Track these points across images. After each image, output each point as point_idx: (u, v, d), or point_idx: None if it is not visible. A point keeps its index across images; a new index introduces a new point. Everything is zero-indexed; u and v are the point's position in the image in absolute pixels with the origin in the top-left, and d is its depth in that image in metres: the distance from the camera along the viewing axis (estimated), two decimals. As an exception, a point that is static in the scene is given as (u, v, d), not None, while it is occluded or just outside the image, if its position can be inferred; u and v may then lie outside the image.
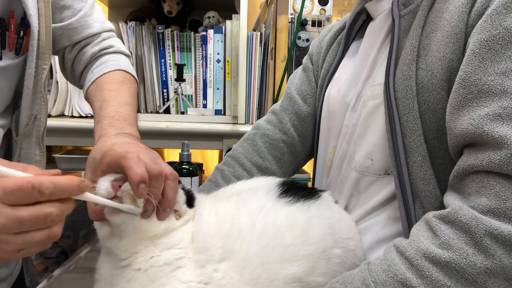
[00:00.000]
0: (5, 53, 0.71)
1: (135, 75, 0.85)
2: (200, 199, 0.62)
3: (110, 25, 0.88)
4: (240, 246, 0.54)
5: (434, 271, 0.46)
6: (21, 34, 0.71)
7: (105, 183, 0.51)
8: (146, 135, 1.47)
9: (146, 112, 1.60)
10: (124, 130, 0.65)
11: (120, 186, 0.51)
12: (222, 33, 1.55)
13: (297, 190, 0.62)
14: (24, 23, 0.71)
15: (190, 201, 0.59)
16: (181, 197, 0.57)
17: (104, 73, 0.78)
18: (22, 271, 0.91)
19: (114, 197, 0.51)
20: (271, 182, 0.64)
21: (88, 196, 0.47)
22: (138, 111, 1.56)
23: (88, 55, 0.83)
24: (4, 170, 0.41)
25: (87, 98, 0.80)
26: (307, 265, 0.55)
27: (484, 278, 0.44)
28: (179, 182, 0.58)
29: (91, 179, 0.53)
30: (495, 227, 0.44)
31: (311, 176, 0.89)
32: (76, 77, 0.85)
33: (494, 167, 0.46)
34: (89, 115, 1.57)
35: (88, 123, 1.50)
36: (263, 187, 0.63)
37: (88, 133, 1.49)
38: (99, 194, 0.50)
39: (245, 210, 0.58)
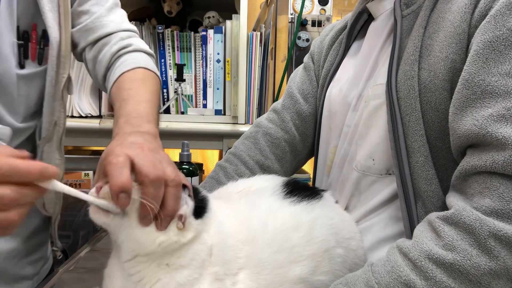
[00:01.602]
0: (28, 63, 0.77)
1: (157, 72, 0.83)
2: (217, 206, 0.56)
3: (129, 26, 0.88)
4: (254, 251, 0.53)
5: (438, 273, 0.46)
6: (42, 45, 0.78)
7: (93, 187, 0.49)
8: (146, 135, 1.46)
9: (146, 112, 1.60)
10: (140, 128, 0.63)
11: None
12: (222, 33, 1.55)
13: (300, 190, 0.62)
14: (46, 35, 0.77)
15: (200, 211, 0.53)
16: (188, 206, 0.51)
17: (124, 72, 0.78)
18: (51, 271, 0.93)
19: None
20: (275, 182, 0.64)
21: (58, 186, 0.45)
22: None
23: (108, 56, 0.83)
24: None
25: (110, 100, 0.79)
26: (311, 264, 0.55)
27: (488, 279, 0.44)
28: (186, 188, 0.53)
29: (95, 180, 0.52)
30: (499, 229, 0.44)
31: (311, 176, 0.89)
32: (100, 80, 0.85)
33: (497, 168, 0.46)
34: (89, 115, 1.57)
35: (88, 123, 1.50)
36: (269, 188, 0.63)
37: (88, 133, 1.49)
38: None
39: (256, 212, 0.57)
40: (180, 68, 1.53)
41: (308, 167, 0.96)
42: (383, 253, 0.54)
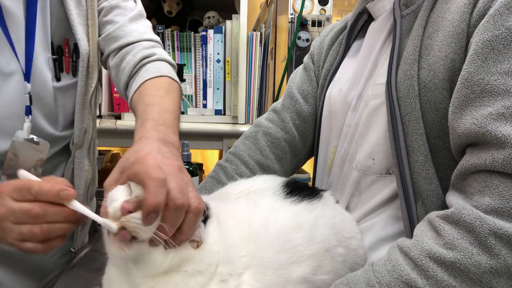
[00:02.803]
0: (63, 76, 0.83)
1: (179, 82, 0.84)
2: (215, 207, 0.56)
3: (152, 36, 0.89)
4: (256, 249, 0.53)
5: (439, 271, 0.46)
6: (74, 57, 0.84)
7: (117, 200, 0.46)
8: (146, 135, 1.47)
9: (146, 112, 1.60)
10: (168, 137, 0.61)
11: (129, 212, 0.46)
12: (222, 33, 1.55)
13: (300, 190, 0.62)
14: (77, 48, 0.82)
15: (205, 220, 0.53)
16: (201, 229, 0.51)
17: (147, 80, 0.78)
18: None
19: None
20: (275, 183, 0.64)
21: (76, 206, 0.50)
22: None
23: (131, 64, 0.83)
24: (24, 174, 0.52)
25: (131, 108, 0.78)
26: (313, 264, 0.55)
27: (489, 277, 0.44)
28: (204, 212, 0.52)
29: (115, 179, 0.51)
30: (499, 227, 0.44)
31: (311, 176, 0.89)
32: (122, 88, 0.86)
33: (497, 166, 0.46)
34: (89, 115, 1.57)
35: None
36: (269, 188, 0.62)
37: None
38: (108, 203, 0.47)
39: (257, 211, 0.57)
40: (180, 68, 1.54)
41: (308, 167, 0.96)
42: (383, 252, 0.54)
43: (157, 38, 0.90)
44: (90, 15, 0.82)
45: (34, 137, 0.78)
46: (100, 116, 1.57)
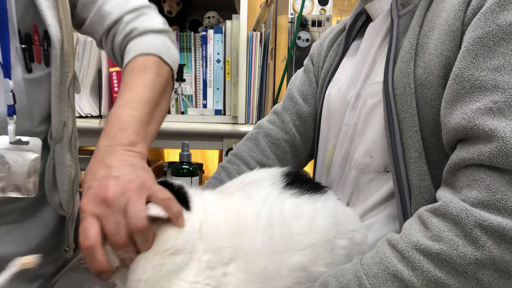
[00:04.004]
0: (35, 66, 0.75)
1: (159, 52, 0.73)
2: (206, 195, 0.59)
3: (135, 3, 0.79)
4: (246, 241, 0.53)
5: (425, 263, 0.46)
6: (46, 46, 0.75)
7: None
8: (146, 135, 1.47)
9: (146, 112, 1.60)
10: (117, 139, 0.58)
11: None
12: (222, 33, 1.56)
13: (303, 182, 0.62)
14: (48, 35, 0.73)
15: (185, 202, 0.55)
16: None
17: (124, 66, 0.72)
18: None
19: None
20: (274, 172, 0.64)
21: None
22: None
23: (117, 49, 0.78)
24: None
25: None
26: (311, 254, 0.55)
27: (474, 269, 0.44)
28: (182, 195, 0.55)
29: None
30: (484, 219, 0.44)
31: (311, 176, 0.89)
32: None
33: (484, 160, 0.46)
34: (89, 115, 1.57)
35: (88, 123, 1.50)
36: (267, 178, 0.63)
37: (88, 133, 1.49)
38: None
39: (249, 204, 0.57)
40: (180, 68, 1.54)
41: (308, 167, 0.96)
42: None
43: (142, 2, 0.80)
44: None
45: (21, 137, 0.73)
46: (100, 116, 1.57)
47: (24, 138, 0.73)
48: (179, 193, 0.56)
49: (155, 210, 0.50)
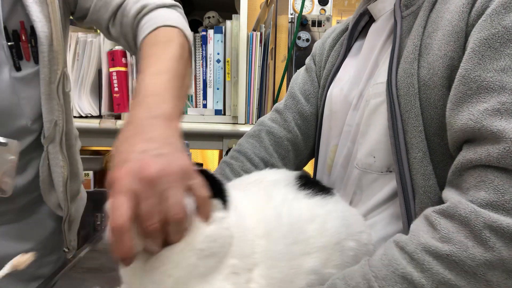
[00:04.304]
0: (23, 64, 0.73)
1: (179, 25, 0.70)
2: (236, 196, 0.54)
3: None
4: (269, 244, 0.53)
5: (435, 264, 0.46)
6: (33, 42, 0.72)
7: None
8: (146, 135, 1.46)
9: (146, 112, 1.60)
10: (155, 110, 0.53)
11: None
12: (222, 33, 1.56)
13: (313, 184, 0.62)
14: (34, 31, 0.71)
15: (223, 199, 0.51)
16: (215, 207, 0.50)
17: (142, 40, 0.69)
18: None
19: None
20: (288, 175, 0.63)
21: None
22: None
23: (129, 27, 0.75)
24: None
25: None
26: (322, 256, 0.55)
27: (484, 270, 0.44)
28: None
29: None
30: (494, 220, 0.44)
31: (311, 176, 0.89)
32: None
33: (492, 161, 0.46)
34: (89, 115, 1.57)
35: (87, 123, 1.50)
36: (282, 180, 0.62)
37: (88, 133, 1.49)
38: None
39: (271, 204, 0.56)
40: (180, 68, 1.53)
41: (308, 167, 0.96)
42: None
43: None
44: None
45: (0, 138, 0.71)
46: (100, 116, 1.57)
47: (2, 139, 0.71)
48: (218, 188, 0.52)
49: (192, 207, 0.47)
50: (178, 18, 0.73)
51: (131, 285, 0.50)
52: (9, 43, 0.71)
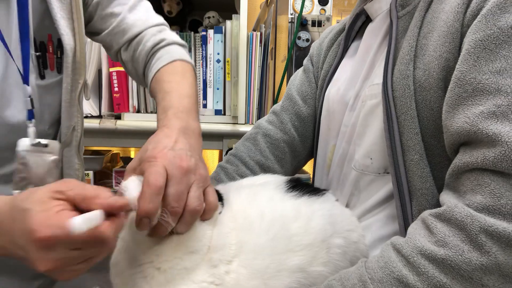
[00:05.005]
0: (47, 73, 0.80)
1: (192, 63, 0.84)
2: (227, 197, 0.61)
3: (156, 20, 0.88)
4: (250, 237, 0.55)
5: (430, 268, 0.46)
6: (59, 54, 0.80)
7: (129, 192, 0.50)
8: (147, 135, 1.47)
9: (146, 112, 1.60)
10: (189, 125, 0.64)
11: None
12: (222, 33, 1.56)
13: (303, 186, 0.63)
14: (61, 43, 0.78)
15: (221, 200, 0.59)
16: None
17: (161, 67, 0.79)
18: None
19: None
20: (279, 179, 0.66)
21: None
22: (138, 110, 1.57)
23: (143, 54, 0.84)
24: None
25: (151, 95, 0.81)
26: (308, 254, 0.56)
27: (480, 274, 0.44)
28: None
29: (133, 167, 0.55)
30: (490, 224, 0.44)
31: (311, 176, 0.89)
32: (140, 77, 0.87)
33: (488, 164, 0.46)
34: (89, 115, 1.57)
35: (87, 123, 1.50)
36: (272, 182, 0.64)
37: (88, 133, 1.49)
38: (123, 190, 0.51)
39: (255, 202, 0.59)
40: (180, 68, 1.53)
41: (308, 167, 0.96)
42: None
43: (161, 19, 0.89)
44: (75, 8, 0.78)
45: (41, 140, 0.76)
46: (100, 116, 1.57)
47: (43, 141, 0.77)
48: (219, 194, 0.59)
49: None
50: (188, 55, 0.85)
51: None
52: (37, 53, 0.77)
